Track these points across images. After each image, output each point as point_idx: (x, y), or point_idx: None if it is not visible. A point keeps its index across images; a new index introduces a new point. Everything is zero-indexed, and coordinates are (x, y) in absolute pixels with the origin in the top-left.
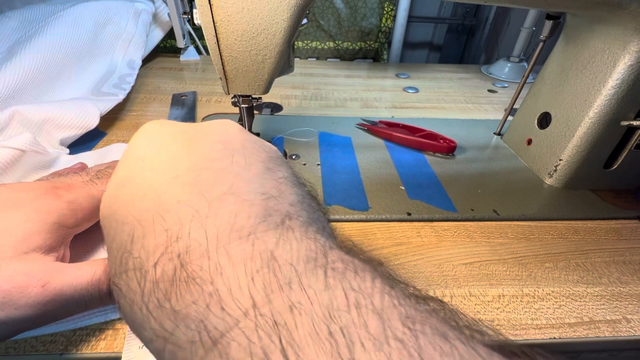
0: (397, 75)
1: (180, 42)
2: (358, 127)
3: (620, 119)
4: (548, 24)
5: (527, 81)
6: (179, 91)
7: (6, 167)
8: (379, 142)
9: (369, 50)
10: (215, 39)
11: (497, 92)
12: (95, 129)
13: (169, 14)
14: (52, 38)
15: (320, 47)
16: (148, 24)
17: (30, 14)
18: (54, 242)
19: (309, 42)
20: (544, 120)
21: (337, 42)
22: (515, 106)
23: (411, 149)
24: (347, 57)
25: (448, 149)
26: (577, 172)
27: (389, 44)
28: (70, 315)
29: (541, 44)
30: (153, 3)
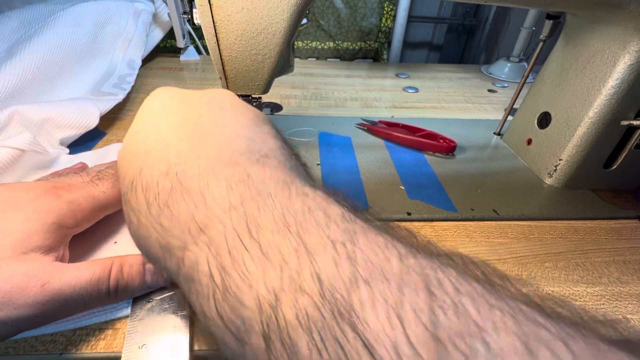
0: (397, 75)
1: (180, 42)
2: (358, 127)
3: (620, 118)
4: (548, 23)
5: (527, 81)
6: None
7: (6, 166)
8: (378, 142)
9: (369, 50)
10: (215, 38)
11: (497, 92)
12: (95, 129)
13: (168, 13)
14: (52, 38)
15: (320, 47)
16: (148, 23)
17: (30, 14)
18: (53, 242)
19: (308, 42)
20: (544, 120)
21: (337, 42)
22: (515, 106)
23: (411, 149)
24: (347, 57)
25: (448, 148)
26: (577, 172)
27: (389, 43)
28: (69, 315)
29: (541, 44)
30: (153, 3)
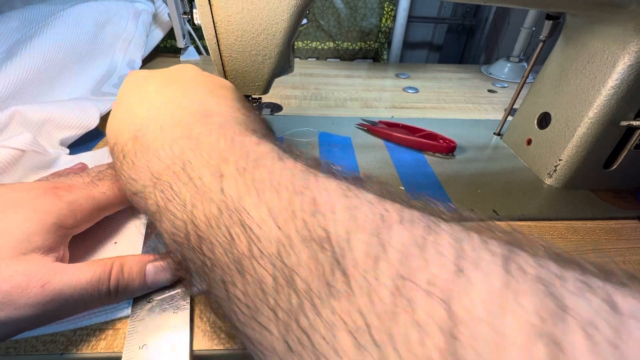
0: (397, 75)
1: (180, 42)
2: (358, 127)
3: (620, 119)
4: (548, 24)
5: (527, 81)
6: None
7: (6, 167)
8: (378, 142)
9: (369, 51)
10: (215, 39)
11: (497, 92)
12: (96, 129)
13: (169, 14)
14: (52, 38)
15: (320, 47)
16: (148, 24)
17: (31, 14)
18: (53, 242)
19: (308, 42)
20: (544, 120)
21: (337, 42)
22: (515, 106)
23: (411, 149)
24: (347, 57)
25: (448, 149)
26: (576, 172)
27: (389, 44)
28: (70, 315)
29: (541, 44)
30: (153, 3)
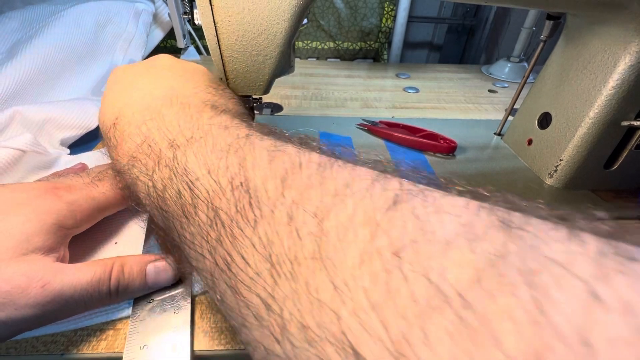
0: (398, 75)
1: (181, 42)
2: (358, 128)
3: (621, 119)
4: (548, 24)
5: (528, 81)
6: None
7: (7, 167)
8: (379, 142)
9: (369, 50)
10: (215, 39)
11: (497, 92)
12: (96, 129)
13: (169, 14)
14: (53, 38)
15: (320, 47)
16: (148, 24)
17: (31, 14)
18: (54, 243)
19: (309, 42)
20: (545, 120)
21: (337, 42)
22: (515, 106)
23: (412, 149)
24: (347, 57)
25: (448, 149)
26: (577, 173)
27: (389, 44)
28: (70, 316)
29: (541, 44)
30: (153, 3)
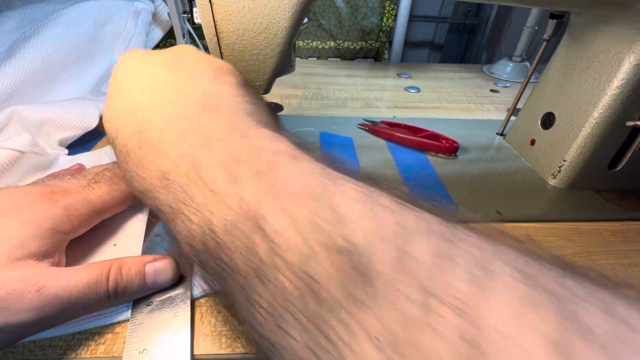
0: (399, 74)
1: (180, 42)
2: (359, 127)
3: (625, 119)
4: (552, 23)
5: (530, 81)
6: None
7: (5, 168)
8: (380, 142)
9: (370, 50)
10: (215, 38)
11: (499, 92)
12: (95, 130)
13: (168, 13)
14: (51, 38)
15: (321, 46)
16: (148, 23)
17: (30, 13)
18: (49, 248)
19: (309, 41)
20: (548, 120)
21: (337, 41)
22: (518, 106)
23: (413, 150)
24: (348, 56)
25: (450, 149)
26: (581, 173)
27: (390, 43)
28: (70, 320)
29: (544, 43)
30: (152, 2)
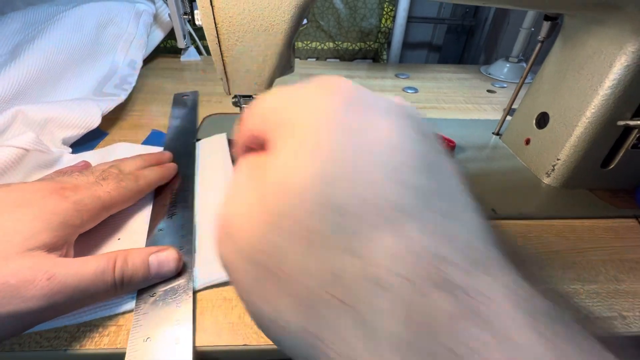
0: (397, 75)
1: (181, 43)
2: None
3: (617, 118)
4: (546, 24)
5: (526, 81)
6: (180, 91)
7: (10, 165)
8: None
9: (369, 51)
10: (216, 39)
11: (496, 92)
12: (97, 129)
13: (169, 14)
14: (54, 39)
15: (319, 47)
16: (149, 24)
17: (32, 15)
18: (59, 240)
19: (308, 42)
20: (542, 120)
21: (336, 42)
22: (514, 106)
23: None
24: (347, 57)
25: (447, 148)
26: (574, 172)
27: (389, 44)
28: (77, 308)
29: (539, 45)
30: (154, 4)
